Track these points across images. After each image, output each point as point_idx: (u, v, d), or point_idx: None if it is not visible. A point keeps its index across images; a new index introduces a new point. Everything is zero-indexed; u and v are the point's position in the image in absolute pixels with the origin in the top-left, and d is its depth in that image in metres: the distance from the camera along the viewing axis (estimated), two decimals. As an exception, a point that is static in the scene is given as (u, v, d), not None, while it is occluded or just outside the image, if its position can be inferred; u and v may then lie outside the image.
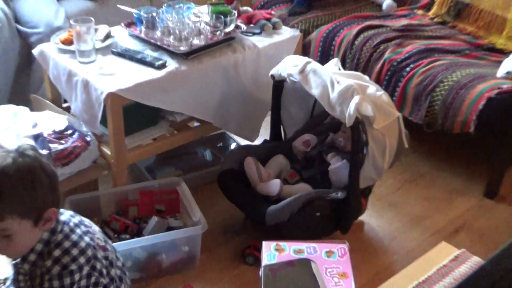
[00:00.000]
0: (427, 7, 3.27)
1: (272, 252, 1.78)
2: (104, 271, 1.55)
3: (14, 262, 1.53)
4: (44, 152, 2.12)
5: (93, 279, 1.49)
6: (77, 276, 1.45)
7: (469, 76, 2.56)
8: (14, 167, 1.36)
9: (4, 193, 1.33)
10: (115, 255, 1.67)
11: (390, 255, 2.29)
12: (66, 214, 1.57)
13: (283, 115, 2.49)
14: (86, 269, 1.47)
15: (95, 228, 1.64)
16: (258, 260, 1.99)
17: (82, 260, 1.47)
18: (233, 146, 2.80)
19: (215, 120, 2.46)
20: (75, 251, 1.47)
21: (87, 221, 1.64)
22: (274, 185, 2.21)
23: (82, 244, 1.49)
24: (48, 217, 1.43)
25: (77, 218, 1.59)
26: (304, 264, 1.76)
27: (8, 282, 1.73)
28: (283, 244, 1.83)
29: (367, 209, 2.38)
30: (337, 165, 2.28)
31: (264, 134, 2.62)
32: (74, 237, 1.49)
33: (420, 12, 3.26)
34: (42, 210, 1.41)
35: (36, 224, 1.41)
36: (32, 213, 1.39)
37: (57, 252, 1.45)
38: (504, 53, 2.81)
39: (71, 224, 1.53)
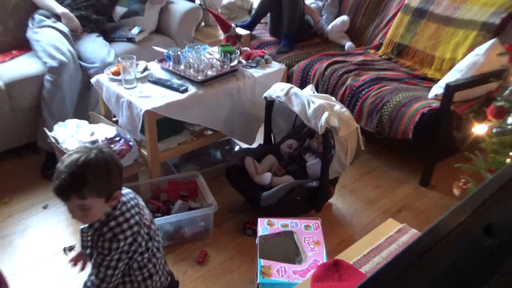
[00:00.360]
0: (377, 48, 3.26)
1: (265, 226, 1.77)
2: (143, 243, 1.54)
3: (82, 227, 1.54)
4: (98, 153, 2.11)
5: (133, 247, 1.49)
6: (121, 243, 1.45)
7: (408, 98, 2.55)
8: (95, 160, 1.38)
9: (88, 179, 1.35)
10: (156, 232, 1.65)
11: (351, 228, 2.28)
12: (127, 196, 1.56)
13: (273, 126, 2.49)
14: (129, 240, 1.47)
15: (146, 211, 1.61)
16: (255, 232, 1.99)
17: (128, 233, 1.46)
18: (236, 148, 2.79)
19: (224, 129, 2.45)
20: (125, 226, 1.46)
21: (142, 204, 1.61)
22: (266, 177, 2.22)
23: (131, 222, 1.48)
24: (115, 196, 1.43)
25: (135, 201, 1.57)
26: (289, 235, 1.74)
27: (76, 246, 1.84)
28: (273, 220, 1.81)
29: (334, 194, 2.37)
30: (313, 162, 2.29)
31: (259, 139, 2.61)
32: (127, 215, 1.49)
33: (372, 51, 3.26)
34: (112, 191, 1.42)
35: (106, 202, 1.42)
36: (105, 194, 1.40)
37: (112, 223, 1.45)
38: (433, 81, 2.80)
39: (129, 205, 1.52)
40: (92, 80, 2.44)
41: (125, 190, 1.58)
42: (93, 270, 1.50)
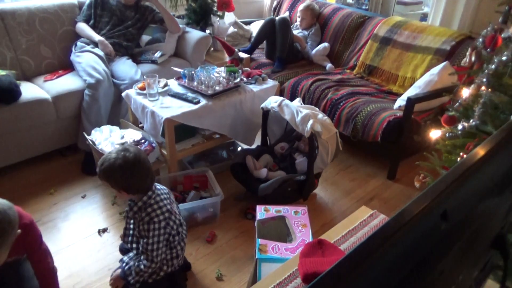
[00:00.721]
0: (352, 68, 3.25)
1: (262, 212, 1.75)
2: (175, 226, 1.55)
3: (126, 209, 1.56)
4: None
5: (167, 229, 1.50)
6: (157, 225, 1.46)
7: (377, 108, 2.54)
8: (119, 164, 1.40)
9: (110, 177, 1.42)
10: (182, 221, 1.65)
11: (332, 213, 2.26)
12: (161, 190, 1.57)
13: (269, 130, 2.46)
14: (163, 223, 1.48)
15: (175, 203, 1.63)
16: (254, 217, 1.98)
17: (161, 217, 1.48)
18: (239, 149, 2.77)
19: (229, 133, 2.43)
20: (158, 211, 1.48)
21: (172, 197, 1.64)
22: (263, 172, 2.20)
23: (164, 209, 1.49)
24: (138, 190, 1.47)
25: (167, 195, 1.58)
26: (281, 219, 1.73)
27: (109, 229, 1.91)
28: (269, 207, 1.79)
29: (318, 186, 2.35)
30: (301, 160, 2.27)
31: (257, 141, 2.59)
32: (160, 203, 1.50)
33: (348, 71, 3.25)
34: (137, 188, 1.45)
35: (128, 194, 1.46)
36: (125, 188, 1.44)
37: (149, 210, 1.47)
38: (397, 95, 2.79)
39: (162, 196, 1.53)
40: (123, 94, 2.42)
41: (160, 186, 1.59)
42: (143, 256, 1.50)
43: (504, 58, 1.38)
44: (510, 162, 0.69)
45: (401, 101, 2.53)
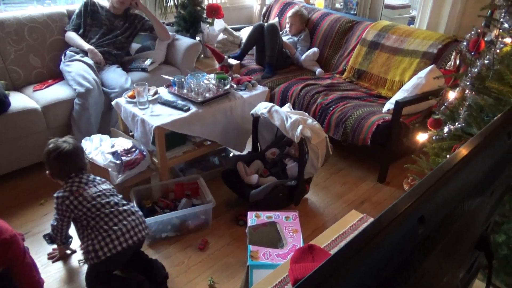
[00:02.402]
0: (341, 73, 3.28)
1: (253, 218, 1.75)
2: (79, 206, 1.64)
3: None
4: (118, 161, 2.08)
5: (63, 207, 1.66)
6: (54, 200, 1.67)
7: (366, 112, 2.57)
8: (47, 150, 1.67)
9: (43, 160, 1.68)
10: (105, 207, 1.68)
11: (323, 218, 2.27)
12: (87, 178, 1.74)
13: (259, 136, 2.47)
14: (60, 200, 1.65)
15: (94, 189, 1.70)
16: (245, 223, 1.97)
17: (60, 194, 1.66)
18: (230, 155, 2.77)
19: (220, 140, 2.43)
20: (61, 191, 1.68)
21: (102, 186, 1.74)
22: (254, 178, 2.20)
23: (67, 189, 1.67)
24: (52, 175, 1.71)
25: (92, 182, 1.73)
26: (273, 225, 1.73)
27: None
28: (260, 213, 1.80)
29: (309, 191, 2.36)
30: (291, 165, 2.27)
31: (248, 147, 2.60)
32: (67, 187, 1.68)
33: (337, 75, 3.28)
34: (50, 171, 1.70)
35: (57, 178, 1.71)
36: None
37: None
38: (386, 98, 2.82)
39: (76, 181, 1.70)
40: (113, 103, 2.42)
41: (92, 176, 1.76)
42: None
43: (486, 61, 1.41)
44: (489, 164, 0.70)
45: (389, 105, 2.55)
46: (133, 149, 2.17)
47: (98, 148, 2.17)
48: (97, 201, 1.66)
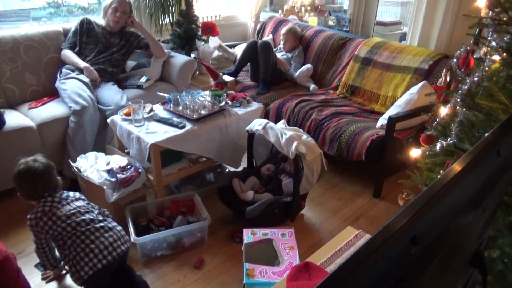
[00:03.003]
0: (335, 88, 3.32)
1: (249, 235, 1.75)
2: (54, 227, 1.62)
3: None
4: (113, 179, 2.08)
5: (38, 228, 1.64)
6: (28, 222, 1.65)
7: (360, 127, 2.59)
8: (17, 172, 1.64)
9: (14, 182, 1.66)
10: (80, 225, 1.66)
11: (319, 234, 2.27)
12: (61, 196, 1.72)
13: (254, 153, 2.48)
14: (33, 221, 1.63)
15: (68, 207, 1.68)
16: (241, 240, 1.97)
17: (32, 216, 1.65)
18: (226, 171, 2.78)
19: (215, 157, 2.44)
20: (33, 211, 1.66)
21: (76, 203, 1.72)
22: (249, 194, 2.20)
23: (39, 209, 1.65)
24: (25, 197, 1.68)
25: (65, 200, 1.71)
26: (269, 242, 1.73)
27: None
28: (255, 230, 1.80)
29: (305, 207, 2.36)
30: (287, 181, 2.28)
31: (243, 164, 2.60)
32: (39, 207, 1.66)
33: (331, 91, 3.32)
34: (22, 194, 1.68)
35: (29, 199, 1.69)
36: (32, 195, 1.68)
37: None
38: (379, 114, 2.85)
39: (49, 201, 1.68)
40: (108, 120, 2.43)
41: (66, 194, 1.73)
42: None
43: (476, 78, 1.44)
44: (480, 182, 0.72)
45: (383, 120, 2.58)
46: (129, 167, 2.17)
47: (93, 166, 2.17)
48: (71, 220, 1.63)
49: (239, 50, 3.84)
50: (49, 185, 1.68)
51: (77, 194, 1.79)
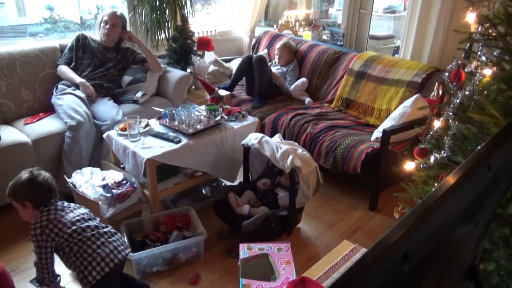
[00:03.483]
0: (330, 102, 3.35)
1: (245, 250, 1.74)
2: (60, 233, 1.63)
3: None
4: (108, 195, 2.07)
5: (43, 237, 1.64)
6: (32, 232, 1.64)
7: (355, 140, 2.61)
8: (27, 180, 1.66)
9: (15, 193, 1.67)
10: (85, 233, 1.68)
11: (316, 248, 2.25)
12: (62, 205, 1.74)
13: (250, 167, 2.48)
14: (38, 230, 1.64)
15: (71, 214, 1.71)
16: (238, 255, 1.95)
17: (37, 225, 1.65)
18: (222, 185, 2.77)
19: (211, 171, 2.44)
20: (38, 220, 1.66)
21: (78, 211, 1.74)
22: (245, 208, 2.19)
23: (44, 218, 1.65)
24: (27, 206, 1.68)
25: (67, 208, 1.73)
26: (265, 257, 1.72)
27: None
28: (252, 244, 1.79)
29: (301, 220, 2.36)
30: (282, 195, 2.28)
31: (239, 178, 2.60)
32: (43, 216, 1.67)
33: (326, 104, 3.34)
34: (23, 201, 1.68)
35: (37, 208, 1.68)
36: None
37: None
38: (374, 126, 2.87)
39: (52, 209, 1.70)
40: (104, 135, 2.42)
41: (60, 202, 1.75)
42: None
43: (467, 92, 1.47)
44: (472, 196, 0.72)
45: (377, 133, 2.60)
46: (124, 182, 2.17)
47: (89, 181, 2.16)
48: (77, 226, 1.67)
49: (234, 65, 3.87)
50: (53, 193, 1.74)
51: (77, 204, 1.83)
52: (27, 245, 2.21)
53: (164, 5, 3.30)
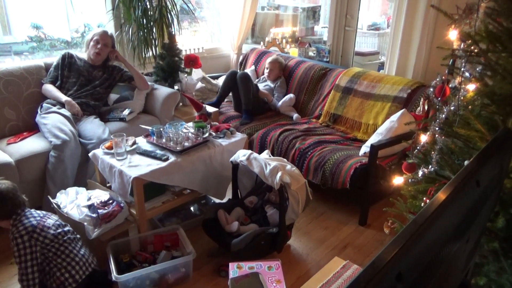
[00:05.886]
0: (318, 117, 3.37)
1: (235, 269, 1.71)
2: (46, 241, 1.71)
3: None
4: (94, 215, 2.02)
5: (32, 242, 1.67)
6: (19, 240, 1.66)
7: (344, 156, 2.62)
8: None
9: None
10: (64, 239, 1.78)
11: (307, 265, 2.22)
12: (35, 212, 1.80)
13: (239, 184, 2.46)
14: (26, 237, 1.66)
15: (50, 221, 1.79)
16: (227, 274, 1.91)
17: (23, 232, 1.67)
18: (211, 202, 2.74)
19: (199, 189, 2.41)
20: (21, 228, 1.68)
21: (51, 218, 1.82)
22: (234, 226, 2.16)
23: (27, 224, 1.69)
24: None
25: (39, 215, 1.79)
26: (255, 275, 1.69)
27: None
28: (241, 263, 1.76)
29: (291, 237, 2.33)
30: (272, 212, 2.26)
31: (228, 195, 2.57)
32: (24, 221, 1.71)
33: (314, 120, 3.36)
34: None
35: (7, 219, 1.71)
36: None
37: (13, 229, 1.69)
38: (362, 141, 2.89)
39: (28, 215, 1.75)
40: (90, 154, 2.38)
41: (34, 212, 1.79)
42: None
43: (452, 107, 1.49)
44: (461, 213, 0.72)
45: (365, 148, 2.62)
46: (110, 201, 2.12)
47: (74, 201, 2.11)
48: (61, 229, 1.78)
49: (222, 82, 3.88)
50: (19, 200, 1.77)
51: (44, 212, 1.89)
52: (8, 269, 2.13)
53: (151, 23, 3.31)
